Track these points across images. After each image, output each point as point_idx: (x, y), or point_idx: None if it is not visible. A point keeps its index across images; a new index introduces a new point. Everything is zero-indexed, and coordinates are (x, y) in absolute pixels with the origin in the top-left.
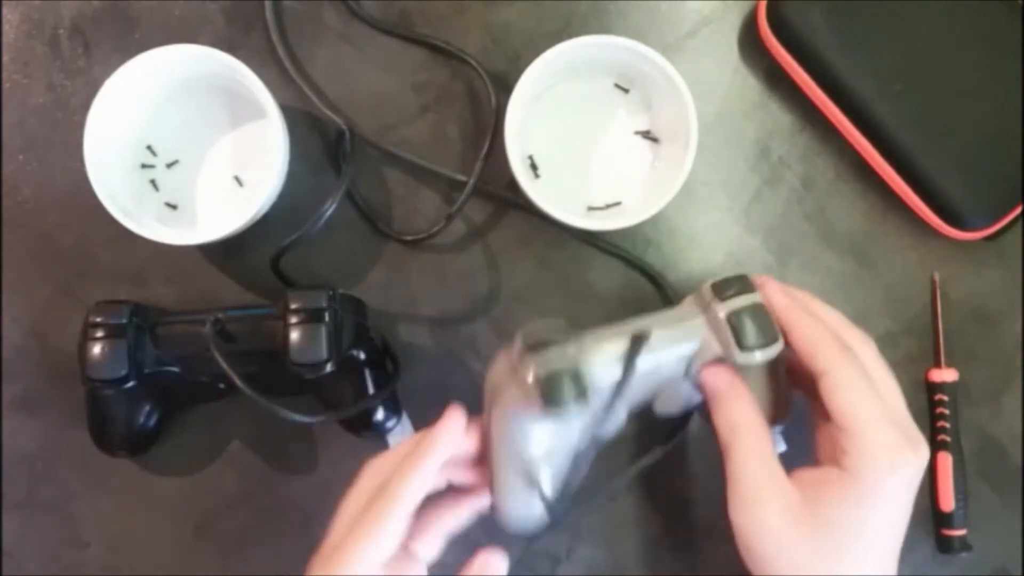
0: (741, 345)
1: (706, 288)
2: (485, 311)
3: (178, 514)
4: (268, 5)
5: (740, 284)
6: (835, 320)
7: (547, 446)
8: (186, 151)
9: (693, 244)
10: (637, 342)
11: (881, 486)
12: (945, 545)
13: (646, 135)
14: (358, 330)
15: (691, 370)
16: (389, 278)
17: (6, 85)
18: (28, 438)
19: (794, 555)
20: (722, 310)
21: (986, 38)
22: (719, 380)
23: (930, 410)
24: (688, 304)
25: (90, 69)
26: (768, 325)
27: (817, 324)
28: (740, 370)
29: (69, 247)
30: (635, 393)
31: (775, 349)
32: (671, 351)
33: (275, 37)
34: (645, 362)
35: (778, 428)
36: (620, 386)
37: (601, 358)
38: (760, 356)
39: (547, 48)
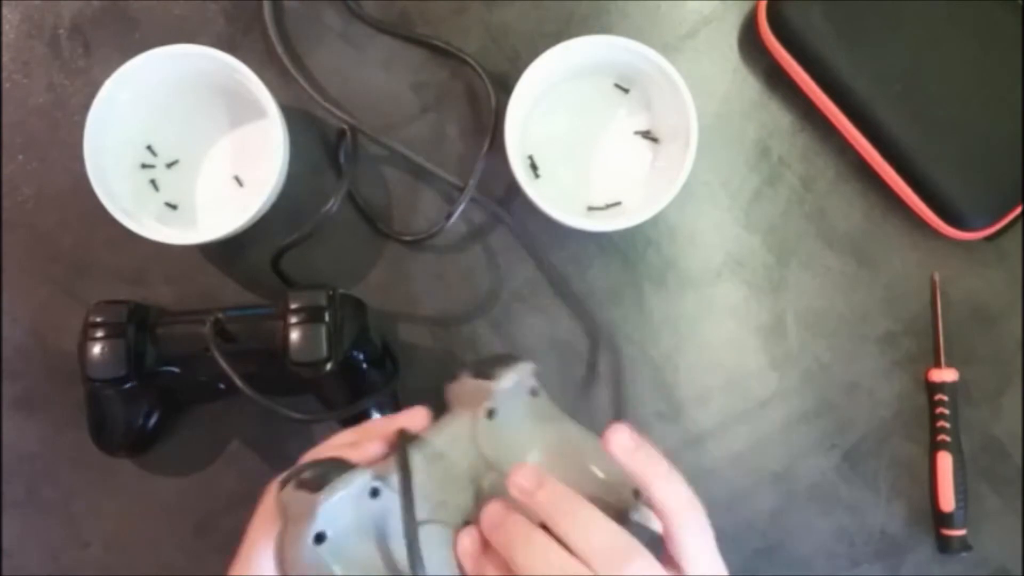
0: (493, 377)
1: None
2: (485, 311)
3: (178, 514)
4: (267, 5)
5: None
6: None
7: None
8: (186, 151)
9: (693, 244)
10: (403, 436)
11: None
12: (945, 545)
13: (646, 135)
14: (358, 330)
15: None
16: (389, 278)
17: (6, 85)
18: (28, 438)
19: None
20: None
21: (986, 38)
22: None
23: (930, 410)
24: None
25: (90, 69)
26: (501, 356)
27: (672, 484)
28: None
29: (69, 247)
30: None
31: (516, 363)
32: (445, 437)
33: (275, 37)
34: (425, 454)
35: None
36: (404, 481)
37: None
38: (514, 374)
39: (547, 48)
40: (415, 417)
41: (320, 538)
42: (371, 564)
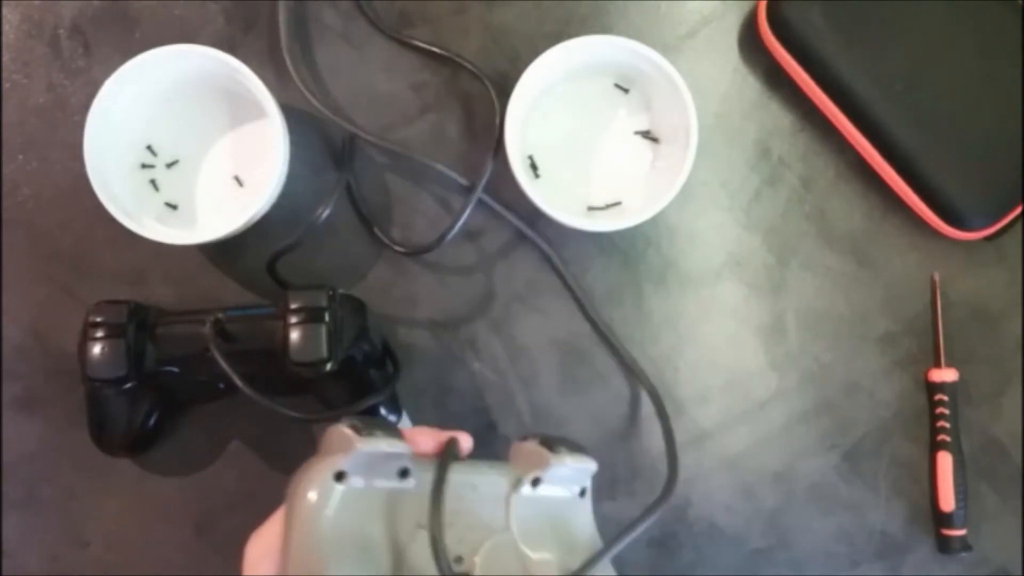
0: (554, 450)
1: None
2: (485, 311)
3: (178, 514)
4: (282, 6)
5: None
6: None
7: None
8: (186, 151)
9: (693, 244)
10: (452, 443)
11: None
12: (945, 545)
13: (646, 135)
14: (358, 330)
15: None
16: (389, 278)
17: (6, 85)
18: (28, 438)
19: None
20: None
21: (986, 38)
22: None
23: (930, 410)
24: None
25: (90, 69)
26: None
27: None
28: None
29: (69, 247)
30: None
31: (584, 455)
32: (486, 476)
33: (275, 37)
34: (459, 473)
35: None
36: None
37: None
38: (570, 459)
39: (547, 48)
40: (464, 438)
41: (341, 477)
42: (367, 540)
